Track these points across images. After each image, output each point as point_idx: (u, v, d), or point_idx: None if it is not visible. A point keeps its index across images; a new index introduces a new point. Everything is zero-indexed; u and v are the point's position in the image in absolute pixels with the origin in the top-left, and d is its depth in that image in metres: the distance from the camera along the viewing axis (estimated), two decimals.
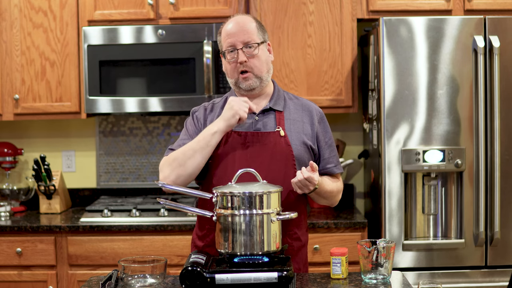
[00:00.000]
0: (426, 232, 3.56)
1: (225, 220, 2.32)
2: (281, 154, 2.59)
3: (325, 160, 2.71)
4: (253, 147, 2.59)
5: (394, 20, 3.47)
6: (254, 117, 2.64)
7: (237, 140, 2.60)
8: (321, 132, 2.71)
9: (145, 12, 3.87)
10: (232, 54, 2.61)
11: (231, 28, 2.62)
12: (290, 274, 2.23)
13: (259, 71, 2.63)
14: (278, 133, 2.61)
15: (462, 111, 3.47)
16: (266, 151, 2.59)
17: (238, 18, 2.66)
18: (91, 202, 4.21)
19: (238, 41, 2.60)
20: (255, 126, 2.63)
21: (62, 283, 3.67)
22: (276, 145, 2.60)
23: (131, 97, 3.84)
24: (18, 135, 4.30)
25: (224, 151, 2.60)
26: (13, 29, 3.90)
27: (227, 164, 2.58)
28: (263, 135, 2.61)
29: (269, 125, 2.64)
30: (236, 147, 2.60)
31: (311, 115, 2.71)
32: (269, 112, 2.66)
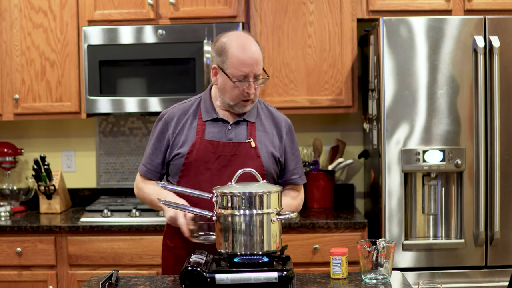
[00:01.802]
0: (426, 232, 3.56)
1: (225, 220, 2.32)
2: (251, 165, 2.60)
3: (290, 172, 2.76)
4: (224, 156, 2.63)
5: (394, 20, 3.47)
6: (227, 127, 2.66)
7: (209, 148, 2.63)
8: (288, 144, 2.74)
9: (145, 12, 3.87)
10: (243, 83, 2.58)
11: (247, 59, 2.56)
12: (290, 274, 2.23)
13: (256, 97, 2.66)
14: (249, 144, 2.65)
15: (462, 111, 3.47)
16: (236, 161, 2.62)
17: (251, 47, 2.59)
18: (91, 202, 4.21)
19: (252, 73, 2.57)
20: (228, 135, 2.66)
21: (62, 283, 3.67)
22: (247, 156, 2.63)
23: (131, 97, 3.84)
24: (18, 135, 4.30)
25: (197, 159, 2.63)
26: (13, 29, 3.90)
27: (198, 172, 2.61)
28: (234, 145, 2.64)
29: (241, 135, 2.66)
30: (208, 155, 2.63)
31: (279, 127, 2.74)
32: (242, 122, 2.69)
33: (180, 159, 2.65)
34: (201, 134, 2.65)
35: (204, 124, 2.67)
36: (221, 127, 2.66)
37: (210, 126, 2.66)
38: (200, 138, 2.64)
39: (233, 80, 2.57)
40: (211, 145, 2.63)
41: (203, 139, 2.64)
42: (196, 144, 2.63)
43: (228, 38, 2.61)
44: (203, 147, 2.63)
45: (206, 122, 2.67)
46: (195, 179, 2.62)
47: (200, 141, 2.63)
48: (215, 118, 2.67)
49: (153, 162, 2.73)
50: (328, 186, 4.04)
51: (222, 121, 2.67)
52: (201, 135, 2.65)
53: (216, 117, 2.67)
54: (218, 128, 2.66)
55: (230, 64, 2.57)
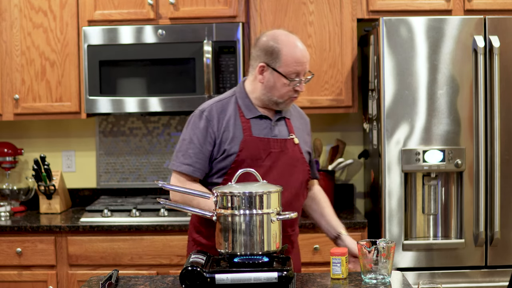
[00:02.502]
0: (426, 232, 3.56)
1: (225, 220, 2.32)
2: (297, 161, 2.69)
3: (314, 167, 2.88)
4: (274, 153, 2.65)
5: (394, 20, 3.47)
6: (271, 123, 2.68)
7: (260, 145, 2.63)
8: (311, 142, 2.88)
9: (145, 12, 3.87)
10: (295, 81, 2.60)
11: (301, 57, 2.61)
12: (290, 274, 2.23)
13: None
14: (292, 141, 2.70)
15: (462, 111, 3.47)
16: (286, 158, 2.67)
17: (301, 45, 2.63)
18: (91, 202, 4.21)
19: (303, 71, 2.63)
20: (273, 132, 2.67)
21: (62, 283, 3.67)
22: (293, 152, 2.69)
23: (131, 97, 3.84)
24: (18, 135, 4.30)
25: (248, 156, 2.62)
26: (13, 29, 3.90)
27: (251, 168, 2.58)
28: (281, 141, 2.67)
29: (283, 131, 2.70)
30: (260, 152, 2.63)
31: (306, 124, 2.85)
32: (281, 120, 2.72)
33: (230, 157, 2.63)
34: (249, 131, 2.64)
35: (248, 121, 2.66)
36: (265, 124, 2.68)
37: (255, 124, 2.66)
38: (249, 136, 2.63)
39: (288, 78, 2.59)
40: (261, 142, 2.64)
41: (252, 136, 2.64)
42: (246, 142, 2.63)
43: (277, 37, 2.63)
44: (253, 144, 2.63)
45: (250, 120, 2.67)
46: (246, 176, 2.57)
47: (250, 138, 2.63)
48: (258, 116, 2.67)
49: (201, 161, 2.65)
50: (328, 186, 4.03)
51: (265, 118, 2.68)
52: (249, 132, 2.64)
53: (260, 114, 2.67)
54: (262, 125, 2.67)
55: (284, 63, 2.59)
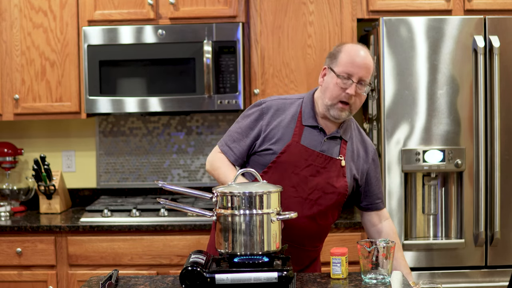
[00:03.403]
0: (426, 232, 3.56)
1: (225, 220, 2.32)
2: (336, 182, 2.63)
3: (374, 196, 2.77)
4: (315, 166, 2.61)
5: (394, 20, 3.47)
6: (324, 138, 2.64)
7: (303, 154, 2.60)
8: (373, 169, 2.75)
9: (145, 12, 3.87)
10: (345, 81, 2.57)
11: (359, 60, 2.57)
12: (290, 274, 2.23)
13: (355, 109, 2.63)
14: (340, 162, 2.64)
15: (462, 111, 3.47)
16: (325, 175, 2.62)
17: (366, 53, 2.61)
18: (91, 202, 4.21)
19: (358, 74, 2.57)
20: (321, 147, 2.63)
21: (62, 283, 3.67)
22: (335, 172, 2.63)
23: (131, 97, 3.84)
24: (18, 135, 4.30)
25: (288, 160, 2.60)
26: (13, 29, 3.90)
27: (284, 174, 2.58)
28: (326, 158, 2.62)
29: (333, 150, 2.64)
30: (299, 161, 2.61)
31: (367, 152, 2.74)
32: (336, 138, 2.66)
33: (270, 155, 2.62)
34: (298, 137, 2.62)
35: (302, 128, 2.63)
36: (318, 136, 2.63)
37: (308, 132, 2.63)
38: (296, 142, 2.61)
39: (338, 75, 2.56)
40: (306, 151, 2.61)
41: (299, 143, 2.61)
42: (291, 146, 2.61)
43: (344, 44, 2.64)
44: (297, 151, 2.60)
45: (305, 127, 2.64)
46: (280, 179, 2.58)
47: (296, 144, 2.61)
48: (314, 126, 2.64)
49: (239, 147, 2.67)
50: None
51: (320, 130, 2.64)
52: (297, 138, 2.62)
53: (317, 125, 2.64)
54: (314, 136, 2.63)
55: (339, 62, 2.58)
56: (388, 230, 2.79)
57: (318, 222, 2.65)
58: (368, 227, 2.84)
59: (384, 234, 2.78)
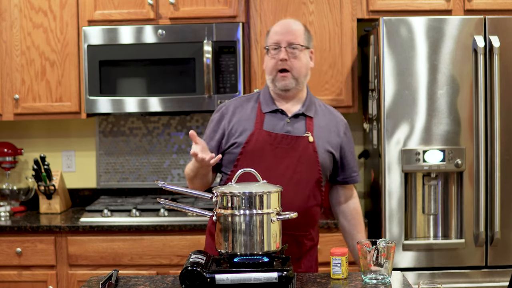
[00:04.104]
0: (426, 232, 3.56)
1: (225, 220, 2.32)
2: (308, 159, 2.66)
3: (350, 169, 2.83)
4: (282, 148, 2.65)
5: (394, 20, 3.47)
6: (286, 120, 2.69)
7: (267, 139, 2.65)
8: (346, 142, 2.79)
9: (145, 12, 3.86)
10: (275, 51, 2.67)
11: (280, 28, 2.70)
12: (290, 274, 2.23)
13: (298, 73, 2.68)
14: (307, 138, 2.68)
15: (462, 111, 3.47)
16: (294, 154, 2.65)
17: (288, 20, 2.76)
18: (91, 202, 4.21)
19: (284, 40, 2.67)
20: (286, 128, 2.68)
21: (62, 283, 3.67)
22: (304, 150, 2.66)
23: (131, 97, 3.84)
24: (18, 135, 4.30)
25: (253, 149, 2.65)
26: (13, 29, 3.90)
27: (254, 162, 2.61)
28: (292, 138, 2.66)
29: (299, 129, 2.69)
30: (265, 146, 2.65)
31: (337, 125, 2.79)
32: (300, 117, 2.72)
33: (237, 149, 2.67)
34: (260, 125, 2.67)
35: (263, 115, 2.70)
36: (280, 120, 2.69)
37: (269, 118, 2.69)
38: (259, 129, 2.66)
39: (268, 47, 2.67)
40: (269, 136, 2.65)
41: (261, 130, 2.66)
42: (255, 135, 2.65)
43: None
44: (261, 137, 2.65)
45: (266, 114, 2.70)
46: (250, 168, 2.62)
47: (259, 131, 2.66)
48: (274, 110, 2.70)
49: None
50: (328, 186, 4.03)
51: (281, 113, 2.70)
52: (259, 126, 2.67)
53: (276, 108, 2.70)
54: (277, 120, 2.69)
55: (268, 39, 2.72)
56: (351, 211, 2.87)
57: (300, 204, 2.64)
58: (333, 205, 2.92)
59: (348, 215, 2.87)
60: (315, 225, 2.78)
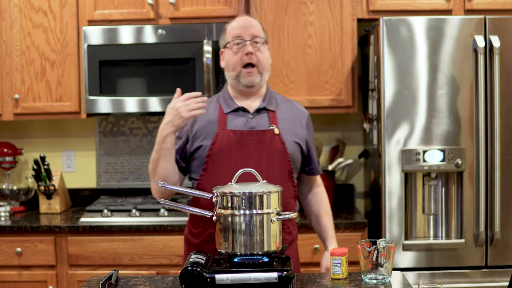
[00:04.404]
0: (426, 232, 3.56)
1: (225, 220, 2.32)
2: (276, 152, 2.66)
3: (314, 161, 2.85)
4: (249, 145, 2.65)
5: (394, 20, 3.46)
6: (249, 116, 2.69)
7: (232, 138, 2.64)
8: (309, 134, 2.81)
9: (145, 12, 3.86)
10: (239, 45, 2.66)
11: (239, 23, 2.70)
12: (290, 274, 2.23)
13: (263, 67, 2.69)
14: (272, 131, 2.68)
15: (462, 111, 3.47)
16: (262, 149, 2.65)
17: (245, 16, 2.76)
18: (91, 202, 4.21)
19: (247, 33, 2.67)
20: (250, 124, 2.68)
21: (62, 283, 3.67)
22: (272, 143, 2.66)
23: (131, 97, 3.84)
24: (18, 135, 4.30)
25: (220, 149, 2.64)
26: (13, 29, 3.90)
27: (223, 162, 2.61)
28: (258, 133, 2.66)
29: (263, 123, 2.69)
30: (232, 145, 2.64)
31: (301, 117, 2.80)
32: (263, 111, 2.72)
33: (203, 152, 2.66)
34: (223, 125, 2.67)
35: (225, 116, 2.69)
36: (243, 117, 2.69)
37: (232, 117, 2.69)
38: (223, 129, 2.66)
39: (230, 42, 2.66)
40: (234, 134, 2.64)
41: (225, 129, 2.65)
42: (219, 135, 2.65)
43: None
44: (226, 137, 2.64)
45: (227, 114, 2.70)
46: (219, 170, 2.62)
47: (223, 131, 2.65)
48: (236, 109, 2.70)
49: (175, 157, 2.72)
50: (328, 186, 4.02)
51: (243, 110, 2.70)
52: (223, 126, 2.67)
53: (237, 107, 2.70)
54: (239, 118, 2.69)
55: (227, 34, 2.70)
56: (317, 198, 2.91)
57: None
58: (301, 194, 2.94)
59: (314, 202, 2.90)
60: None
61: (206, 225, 2.67)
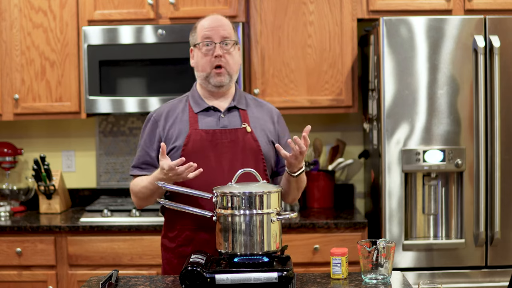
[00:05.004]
0: (426, 232, 3.56)
1: (225, 220, 2.32)
2: (250, 149, 2.65)
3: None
4: (222, 144, 2.64)
5: (394, 20, 3.46)
6: (220, 115, 2.68)
7: (205, 137, 2.63)
8: (281, 131, 2.79)
9: (145, 12, 3.86)
10: (208, 47, 2.65)
11: (210, 23, 2.67)
12: (290, 274, 2.23)
13: (232, 69, 2.69)
14: (244, 129, 2.67)
15: (462, 111, 3.47)
16: (236, 147, 2.64)
17: (216, 16, 2.72)
18: (91, 202, 4.21)
19: (217, 35, 2.65)
20: (222, 123, 2.67)
21: (62, 283, 3.67)
22: (245, 141, 2.65)
23: (131, 97, 3.84)
24: (18, 135, 4.30)
25: (194, 149, 2.63)
26: (13, 29, 3.90)
27: (198, 162, 2.56)
28: (230, 131, 2.66)
29: (234, 122, 2.69)
30: (205, 144, 2.63)
31: (271, 115, 2.78)
32: (233, 110, 2.72)
33: (176, 153, 2.64)
34: (195, 125, 2.66)
35: (196, 115, 2.69)
36: (214, 116, 2.68)
37: (203, 117, 2.68)
38: (195, 129, 2.65)
39: (199, 44, 2.65)
40: (207, 134, 2.64)
41: (197, 129, 2.65)
42: (192, 135, 2.64)
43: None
44: (198, 137, 2.63)
45: (198, 114, 2.69)
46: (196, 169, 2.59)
47: (195, 131, 2.64)
48: (206, 108, 2.70)
49: (146, 160, 2.72)
50: (328, 186, 4.04)
51: (213, 110, 2.69)
52: (195, 126, 2.65)
53: (207, 106, 2.69)
54: (211, 117, 2.68)
55: (197, 35, 2.69)
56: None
57: None
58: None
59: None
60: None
61: (182, 228, 2.66)
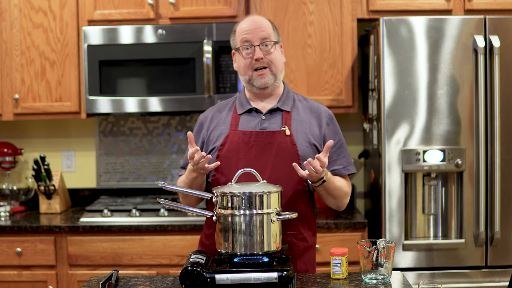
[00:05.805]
0: (426, 232, 3.56)
1: (225, 220, 2.32)
2: (285, 153, 2.59)
3: (332, 161, 2.68)
4: (257, 146, 2.60)
5: (394, 20, 3.47)
6: (261, 116, 2.66)
7: (242, 139, 2.62)
8: (329, 134, 2.69)
9: (145, 12, 3.86)
10: (248, 50, 2.64)
11: (248, 25, 2.65)
12: (290, 274, 2.23)
13: (276, 68, 2.65)
14: (283, 132, 2.62)
15: (462, 111, 3.47)
16: (270, 150, 2.60)
17: (254, 17, 2.71)
18: (91, 202, 4.21)
19: (255, 37, 2.63)
20: (261, 125, 2.65)
21: (62, 283, 3.67)
22: (281, 144, 2.60)
23: (131, 97, 3.84)
24: (18, 135, 4.30)
25: (229, 150, 2.61)
26: (13, 29, 3.90)
27: (230, 163, 2.58)
28: (268, 133, 2.62)
29: (275, 124, 2.65)
30: (240, 146, 2.61)
31: (319, 117, 2.70)
32: (276, 112, 2.68)
33: (215, 153, 2.64)
34: (235, 126, 2.65)
35: (238, 117, 2.67)
36: (256, 118, 2.66)
37: (245, 118, 2.67)
38: (234, 130, 2.64)
39: (240, 48, 2.64)
40: (244, 135, 2.62)
41: (236, 130, 2.64)
42: (230, 136, 2.63)
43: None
44: (236, 138, 2.62)
45: (241, 115, 2.68)
46: (228, 171, 2.58)
47: (234, 132, 2.63)
48: (249, 110, 2.68)
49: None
50: None
51: (256, 111, 2.67)
52: (234, 127, 2.65)
53: (250, 108, 2.67)
54: (252, 118, 2.66)
55: (236, 39, 2.68)
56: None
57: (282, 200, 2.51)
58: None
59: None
60: (307, 225, 2.65)
61: None
